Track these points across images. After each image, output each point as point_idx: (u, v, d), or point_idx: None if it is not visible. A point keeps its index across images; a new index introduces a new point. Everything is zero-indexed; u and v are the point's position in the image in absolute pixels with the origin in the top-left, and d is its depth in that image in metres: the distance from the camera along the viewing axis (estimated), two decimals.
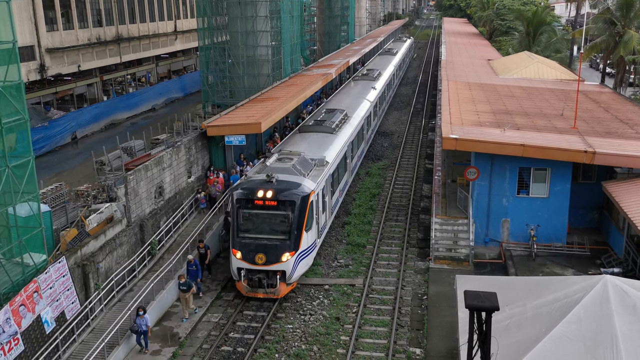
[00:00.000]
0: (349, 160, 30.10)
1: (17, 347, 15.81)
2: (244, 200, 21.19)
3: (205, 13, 38.86)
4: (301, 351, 18.15)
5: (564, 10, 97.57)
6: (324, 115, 31.74)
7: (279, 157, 24.02)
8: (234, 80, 39.55)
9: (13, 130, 16.79)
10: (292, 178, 21.72)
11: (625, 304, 13.13)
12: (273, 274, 20.62)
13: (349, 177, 30.51)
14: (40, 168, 24.30)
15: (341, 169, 27.98)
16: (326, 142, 27.23)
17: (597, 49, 45.31)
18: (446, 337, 18.40)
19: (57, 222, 20.76)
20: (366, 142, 37.16)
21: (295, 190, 21.05)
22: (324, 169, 23.91)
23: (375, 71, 49.01)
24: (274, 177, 21.31)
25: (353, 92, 40.55)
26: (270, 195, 20.76)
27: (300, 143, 27.03)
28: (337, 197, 27.22)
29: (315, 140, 27.49)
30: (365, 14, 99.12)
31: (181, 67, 62.97)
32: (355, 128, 31.62)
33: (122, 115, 47.30)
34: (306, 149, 25.69)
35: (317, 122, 30.24)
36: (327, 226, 25.02)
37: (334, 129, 28.99)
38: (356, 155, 32.78)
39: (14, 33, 16.47)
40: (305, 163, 23.49)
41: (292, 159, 23.35)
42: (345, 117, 31.77)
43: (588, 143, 23.01)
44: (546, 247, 23.40)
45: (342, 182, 28.34)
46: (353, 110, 34.15)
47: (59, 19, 41.42)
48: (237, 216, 21.26)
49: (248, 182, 21.82)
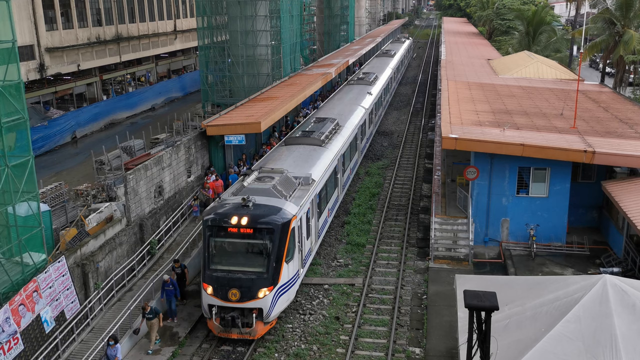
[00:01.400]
0: (340, 175, 27.78)
1: (16, 347, 15.81)
2: (216, 228, 18.71)
3: (204, 12, 38.87)
4: (301, 351, 18.16)
5: (564, 9, 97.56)
6: (313, 125, 29.45)
7: (259, 175, 21.73)
8: (233, 79, 39.56)
9: (12, 129, 16.81)
10: (271, 201, 19.41)
11: (625, 304, 13.14)
12: (249, 311, 18.20)
13: (339, 193, 28.00)
14: (39, 167, 24.30)
15: (330, 186, 25.66)
16: (313, 157, 25.01)
17: (596, 48, 45.32)
18: (446, 337, 18.41)
19: (57, 222, 20.77)
20: (360, 153, 34.78)
21: (275, 216, 18.68)
22: (309, 189, 21.64)
23: (371, 75, 46.62)
24: (250, 200, 18.95)
25: (347, 98, 38.09)
26: (246, 222, 18.31)
27: (285, 158, 24.78)
28: (325, 218, 24.77)
29: (301, 154, 25.26)
30: (365, 14, 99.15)
31: (181, 66, 62.94)
32: (347, 139, 29.30)
33: (121, 115, 47.27)
34: (290, 165, 23.54)
35: (304, 133, 27.83)
36: (314, 252, 22.89)
37: (323, 141, 26.68)
38: (348, 169, 30.44)
39: (14, 32, 16.48)
40: (287, 183, 21.18)
41: (273, 178, 21.05)
42: (336, 127, 29.72)
43: (588, 143, 23.01)
44: (546, 247, 23.40)
45: (330, 200, 25.95)
46: (346, 119, 32.01)
47: (58, 19, 41.40)
48: (208, 245, 18.78)
49: (221, 207, 19.34)
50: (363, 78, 45.19)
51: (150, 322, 18.27)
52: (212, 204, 20.48)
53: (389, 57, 60.84)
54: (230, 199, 19.76)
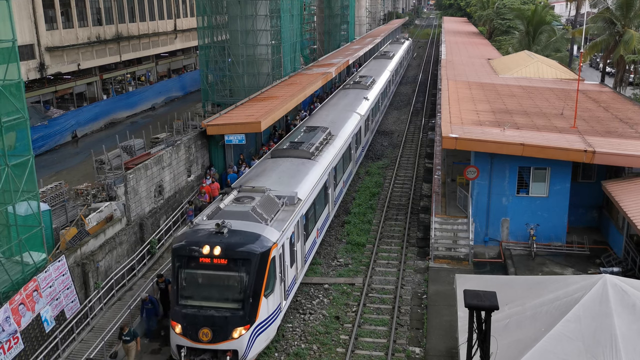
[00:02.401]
0: (330, 189, 25.61)
1: (16, 346, 15.82)
2: (186, 258, 16.66)
3: (205, 12, 38.88)
4: (301, 350, 18.16)
5: (564, 9, 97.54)
6: (303, 135, 27.24)
7: (238, 195, 19.71)
8: (233, 79, 39.57)
9: (13, 129, 16.82)
10: (250, 226, 17.36)
11: (625, 303, 13.14)
12: (222, 354, 16.26)
13: (330, 210, 25.78)
14: (39, 167, 24.30)
15: (319, 203, 23.55)
16: (301, 171, 22.99)
17: (597, 48, 45.33)
18: (446, 336, 18.41)
19: (57, 221, 20.78)
20: (354, 163, 32.53)
21: (252, 245, 16.62)
22: (294, 210, 19.58)
23: (368, 78, 44.20)
24: (225, 226, 16.84)
25: (341, 104, 35.95)
26: (219, 251, 16.30)
27: (269, 173, 22.72)
28: (314, 239, 22.96)
29: (288, 168, 23.25)
30: (365, 13, 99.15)
31: (181, 66, 62.98)
32: (339, 150, 27.26)
33: (121, 114, 47.30)
34: (275, 182, 21.56)
35: (292, 144, 25.67)
36: (299, 279, 20.71)
37: (312, 154, 24.61)
38: (340, 182, 28.19)
39: (14, 32, 16.48)
40: (269, 204, 19.08)
41: (252, 199, 19.01)
42: (328, 137, 27.59)
43: (588, 142, 23.01)
44: (546, 247, 23.40)
45: (320, 219, 23.85)
46: (339, 127, 29.86)
47: (58, 18, 41.41)
48: (177, 278, 16.72)
49: (193, 233, 17.17)
50: (359, 82, 42.91)
51: (127, 345, 17.00)
52: (184, 229, 18.39)
53: (387, 59, 58.71)
54: (204, 223, 17.60)
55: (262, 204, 18.76)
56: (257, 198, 19.14)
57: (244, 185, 20.97)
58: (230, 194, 19.97)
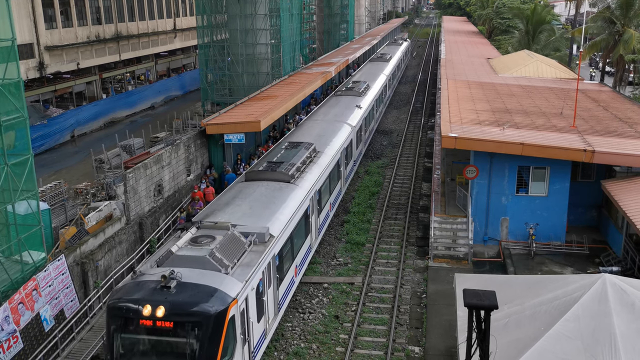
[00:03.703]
0: (313, 217, 22.38)
1: (16, 345, 15.82)
2: (122, 320, 13.61)
3: (204, 11, 38.86)
4: (300, 349, 18.17)
5: (564, 8, 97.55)
6: (283, 153, 24.16)
7: (196, 234, 16.52)
8: (233, 78, 39.55)
9: (12, 128, 16.82)
10: (205, 277, 14.29)
11: (624, 303, 13.16)
12: None
13: (312, 240, 22.48)
14: (39, 166, 24.28)
15: (299, 236, 20.36)
16: (278, 199, 19.94)
17: (596, 47, 45.36)
18: (445, 336, 18.42)
19: (56, 220, 20.77)
20: (344, 181, 29.09)
21: (205, 304, 13.53)
22: (264, 250, 16.43)
23: (361, 84, 40.85)
24: (174, 278, 13.86)
25: (331, 114, 33.02)
26: (162, 313, 13.15)
27: (240, 201, 19.59)
28: (291, 278, 19.65)
29: (262, 195, 20.14)
30: (365, 12, 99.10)
31: (180, 65, 62.95)
32: (325, 168, 24.31)
33: (121, 113, 47.25)
34: (244, 213, 18.51)
35: (270, 165, 22.56)
36: (270, 333, 17.34)
37: (292, 176, 21.58)
38: (326, 205, 25.04)
39: (13, 31, 16.47)
40: (233, 245, 15.97)
41: (213, 239, 15.91)
42: (312, 155, 24.65)
43: (587, 142, 23.02)
44: (545, 246, 23.42)
45: (299, 254, 20.57)
46: (326, 142, 26.91)
47: (58, 17, 41.37)
48: (111, 343, 13.74)
49: (134, 287, 14.08)
50: (352, 88, 39.55)
51: None
52: (126, 279, 15.11)
53: (383, 61, 55.43)
54: (150, 272, 14.51)
55: (224, 246, 15.68)
56: (218, 238, 16.04)
57: (205, 219, 17.87)
58: (188, 231, 16.93)
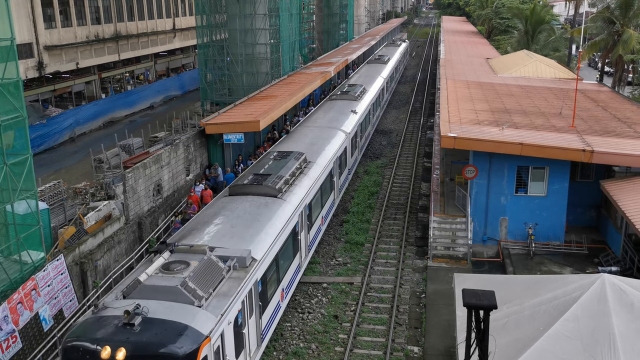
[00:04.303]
0: (303, 234, 20.82)
1: (15, 345, 15.81)
2: None
3: (203, 11, 38.85)
4: (299, 349, 18.16)
5: (563, 8, 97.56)
6: (271, 164, 22.46)
7: (169, 259, 14.59)
8: (232, 78, 39.54)
9: (11, 127, 16.80)
10: (175, 311, 12.57)
11: (623, 303, 13.16)
12: None
13: (302, 259, 20.89)
14: (38, 166, 24.27)
15: (285, 256, 18.69)
16: (263, 216, 18.25)
17: (596, 47, 45.40)
18: (444, 335, 18.43)
19: (55, 220, 20.76)
20: (337, 192, 27.29)
21: (173, 345, 11.79)
22: (245, 276, 14.71)
23: (358, 87, 39.35)
24: (140, 312, 12.23)
25: (324, 120, 31.52)
26: (123, 356, 11.51)
27: (222, 219, 17.80)
28: (277, 303, 17.87)
29: (246, 212, 18.40)
30: (364, 12, 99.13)
31: (180, 64, 62.94)
32: (316, 181, 22.80)
33: (120, 113, 47.24)
34: (225, 233, 16.71)
35: (256, 178, 20.76)
36: None
37: (279, 190, 19.95)
38: (318, 220, 23.42)
39: (12, 30, 16.46)
40: (209, 272, 14.14)
41: (187, 265, 14.02)
42: (302, 166, 23.13)
43: (586, 142, 23.03)
44: (544, 246, 23.43)
45: (286, 276, 18.91)
46: (318, 151, 25.35)
47: (57, 17, 41.34)
48: None
49: (93, 324, 12.38)
50: (348, 92, 37.77)
51: None
52: (87, 313, 13.35)
53: (381, 63, 53.96)
54: (114, 306, 12.76)
55: (199, 273, 13.81)
56: (192, 264, 14.13)
57: (181, 241, 16.05)
58: (160, 255, 14.87)
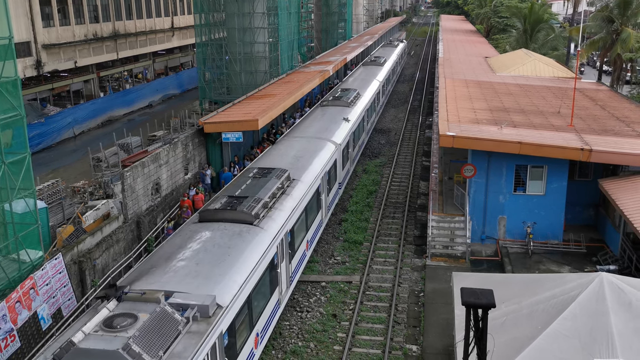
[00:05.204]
0: (283, 265, 17.93)
1: (13, 344, 15.80)
2: None
3: (202, 9, 38.84)
4: (298, 348, 18.17)
5: (562, 7, 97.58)
6: (249, 184, 19.57)
7: (114, 311, 11.99)
8: (231, 77, 39.54)
9: (9, 126, 16.79)
10: None
11: (621, 302, 13.17)
12: None
13: (281, 294, 17.90)
14: (36, 164, 24.25)
15: (259, 297, 15.78)
16: (235, 249, 15.46)
17: (594, 46, 45.44)
18: (442, 334, 18.43)
19: (54, 219, 20.74)
20: (325, 211, 24.61)
21: None
22: (206, 331, 12.07)
23: (351, 92, 36.39)
24: None
25: (313, 129, 28.72)
26: None
27: (186, 254, 14.94)
28: (251, 350, 15.20)
29: (216, 244, 15.60)
30: (363, 11, 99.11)
31: (178, 63, 62.93)
32: (300, 201, 20.16)
33: (118, 112, 47.24)
34: (188, 272, 13.98)
35: (230, 201, 17.79)
36: None
37: (256, 216, 17.18)
38: (303, 243, 20.73)
39: (10, 29, 16.43)
40: (162, 327, 11.58)
41: (135, 319, 11.52)
42: (285, 184, 20.43)
43: (585, 141, 23.05)
44: (542, 245, 23.45)
45: (261, 317, 16.01)
46: (303, 167, 22.78)
47: (55, 15, 41.29)
48: None
49: None
50: (340, 97, 34.88)
51: None
52: None
53: (377, 65, 50.75)
54: None
55: (148, 331, 11.27)
56: (142, 317, 11.60)
57: (133, 284, 13.38)
58: (108, 301, 12.30)
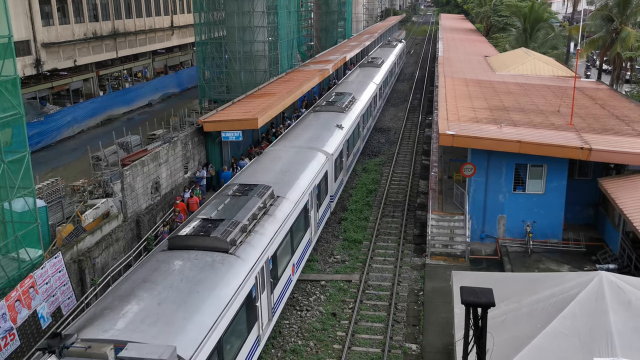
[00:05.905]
0: (264, 297, 16.15)
1: (13, 343, 15.80)
2: None
3: (201, 8, 38.83)
4: (297, 347, 18.17)
5: (561, 6, 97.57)
6: (228, 203, 17.46)
7: None
8: (230, 75, 39.54)
9: (9, 125, 16.77)
10: None
11: (621, 300, 13.18)
12: None
13: (260, 330, 15.92)
14: (36, 163, 24.23)
15: (235, 336, 14.04)
16: (205, 284, 13.56)
17: (594, 45, 45.44)
18: (442, 333, 18.44)
19: (53, 218, 20.74)
20: (314, 229, 22.48)
21: None
22: None
23: (346, 97, 34.03)
24: None
25: (304, 138, 26.49)
26: None
27: (148, 291, 13.07)
28: None
29: (185, 278, 13.67)
30: (362, 10, 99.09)
31: (178, 62, 62.89)
32: (285, 221, 18.18)
33: (118, 111, 47.23)
34: (148, 315, 12.15)
35: (204, 225, 15.83)
36: None
37: (233, 243, 15.29)
38: (288, 267, 18.75)
39: (10, 27, 16.41)
40: None
41: None
42: (268, 203, 18.39)
43: (584, 140, 23.05)
44: (542, 244, 23.46)
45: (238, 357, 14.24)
46: (290, 181, 20.78)
47: (54, 14, 41.26)
48: None
49: None
50: (334, 102, 32.37)
51: None
52: None
53: (374, 67, 48.65)
54: None
55: None
56: None
57: (83, 330, 11.82)
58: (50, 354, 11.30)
